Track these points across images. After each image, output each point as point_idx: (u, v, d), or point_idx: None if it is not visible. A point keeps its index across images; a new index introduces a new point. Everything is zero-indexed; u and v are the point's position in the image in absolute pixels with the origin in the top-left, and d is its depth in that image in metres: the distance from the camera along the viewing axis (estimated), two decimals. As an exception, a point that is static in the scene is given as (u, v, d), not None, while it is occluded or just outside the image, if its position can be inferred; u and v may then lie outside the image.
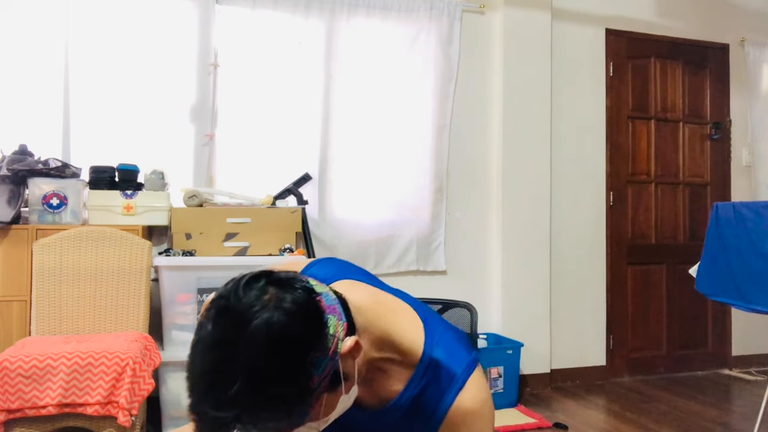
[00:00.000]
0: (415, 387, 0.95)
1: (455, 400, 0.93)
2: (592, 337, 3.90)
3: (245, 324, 0.75)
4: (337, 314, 0.84)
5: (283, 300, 0.78)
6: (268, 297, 0.78)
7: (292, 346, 0.76)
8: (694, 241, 4.12)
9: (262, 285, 0.80)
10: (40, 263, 2.55)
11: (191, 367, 0.78)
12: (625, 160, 4.03)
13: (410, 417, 0.96)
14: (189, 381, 0.78)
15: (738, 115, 4.32)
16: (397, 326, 0.95)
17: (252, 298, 0.78)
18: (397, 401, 0.95)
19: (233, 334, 0.75)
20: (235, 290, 0.79)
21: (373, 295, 0.98)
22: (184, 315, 2.75)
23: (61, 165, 2.73)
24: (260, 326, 0.75)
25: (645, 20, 4.09)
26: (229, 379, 0.73)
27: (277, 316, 0.76)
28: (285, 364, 0.75)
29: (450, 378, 0.94)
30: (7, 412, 2.09)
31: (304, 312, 0.79)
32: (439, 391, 0.94)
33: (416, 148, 3.56)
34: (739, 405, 3.44)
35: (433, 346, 0.95)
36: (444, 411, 0.93)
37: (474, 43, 3.73)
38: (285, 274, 0.83)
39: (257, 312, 0.76)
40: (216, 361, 0.75)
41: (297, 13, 3.35)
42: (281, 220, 2.98)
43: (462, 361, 0.95)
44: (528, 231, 3.68)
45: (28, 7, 2.97)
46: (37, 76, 2.98)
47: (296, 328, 0.77)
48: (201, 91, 3.21)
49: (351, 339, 0.83)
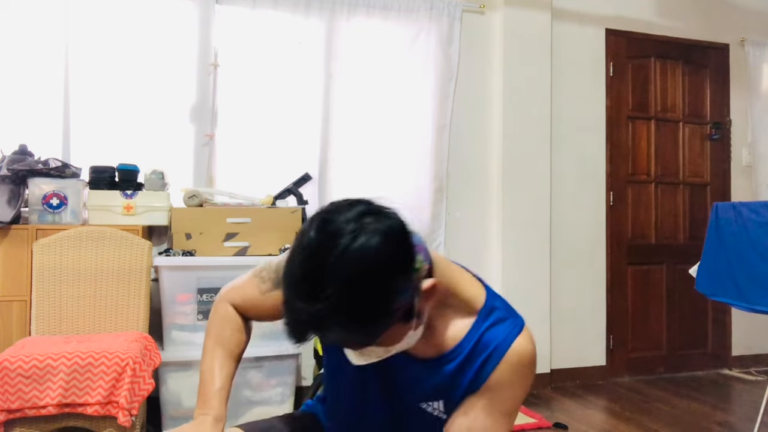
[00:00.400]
0: (477, 330, 1.02)
1: (515, 340, 1.01)
2: (592, 337, 3.90)
3: (344, 239, 0.82)
4: (423, 253, 0.91)
5: (380, 225, 0.85)
6: (368, 221, 0.85)
7: (381, 269, 0.83)
8: (694, 241, 4.12)
9: (363, 209, 0.87)
10: (40, 263, 2.55)
11: (288, 267, 0.86)
12: (625, 160, 4.03)
13: (468, 362, 1.02)
14: (286, 279, 0.86)
15: (738, 115, 4.32)
16: (462, 280, 1.04)
17: (353, 217, 0.85)
18: (461, 344, 1.02)
19: (332, 247, 0.82)
20: (338, 208, 0.87)
21: (442, 257, 1.05)
22: (184, 315, 2.75)
23: (61, 165, 2.73)
24: (358, 245, 0.82)
25: (645, 20, 4.09)
26: (320, 284, 0.81)
27: (374, 239, 0.83)
28: (374, 282, 0.83)
29: (511, 322, 1.03)
30: (7, 412, 2.09)
31: (397, 242, 0.86)
32: (502, 332, 1.02)
33: (416, 148, 3.56)
34: (739, 405, 3.44)
35: (492, 298, 1.05)
36: (506, 348, 1.00)
37: (474, 43, 3.73)
38: (385, 207, 0.90)
39: (356, 231, 0.83)
40: (315, 264, 0.82)
41: (297, 13, 3.35)
42: (281, 220, 2.98)
43: (518, 315, 1.06)
44: (528, 231, 3.68)
45: (28, 7, 2.97)
46: (37, 76, 2.98)
47: (387, 255, 0.84)
48: (201, 91, 3.21)
49: (431, 280, 0.91)
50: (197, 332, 2.74)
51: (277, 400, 2.81)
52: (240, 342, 1.19)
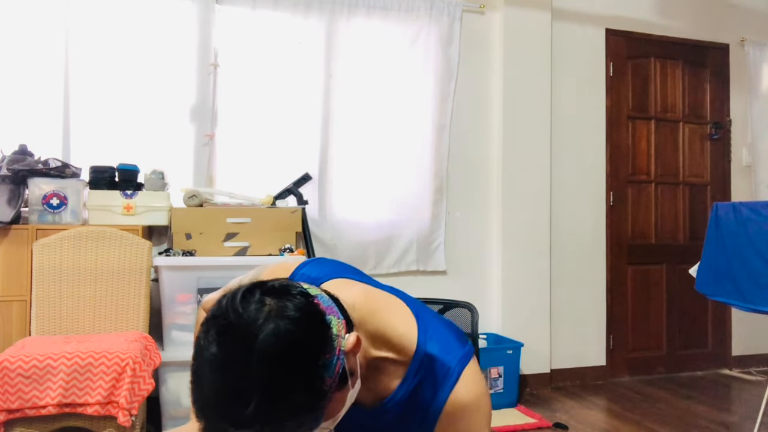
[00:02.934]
0: (410, 383, 0.95)
1: (450, 394, 0.93)
2: (592, 337, 3.90)
3: (252, 339, 0.74)
4: (335, 314, 0.84)
5: (284, 309, 0.77)
6: (268, 308, 0.77)
7: (303, 353, 0.76)
8: (694, 241, 4.12)
9: (258, 297, 0.78)
10: (40, 263, 2.55)
11: (200, 391, 0.76)
12: (625, 160, 4.03)
13: (407, 413, 0.96)
14: (199, 405, 0.76)
15: (738, 115, 4.32)
16: (390, 322, 0.95)
17: (252, 312, 0.76)
18: (392, 397, 0.96)
19: (241, 352, 0.74)
20: (232, 307, 0.77)
21: (365, 292, 0.99)
22: (184, 315, 2.75)
23: (61, 165, 2.73)
24: (268, 339, 0.74)
25: (645, 20, 4.09)
26: (245, 398, 0.73)
27: (282, 325, 0.75)
28: (298, 372, 0.75)
29: (444, 372, 0.94)
30: (7, 412, 2.09)
31: (307, 317, 0.79)
32: (435, 386, 0.94)
33: (416, 148, 3.56)
34: (739, 405, 3.44)
35: (426, 341, 0.95)
36: (440, 406, 0.93)
37: (474, 43, 3.73)
38: (278, 283, 0.82)
39: (261, 325, 0.75)
40: (228, 381, 0.74)
41: (297, 13, 3.35)
42: (281, 220, 2.98)
43: (456, 354, 0.95)
44: (528, 231, 3.68)
45: (28, 7, 2.97)
46: (37, 76, 2.98)
47: (304, 335, 0.77)
48: (201, 91, 3.21)
49: (353, 335, 0.84)
50: (197, 332, 2.74)
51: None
52: None
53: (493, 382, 3.29)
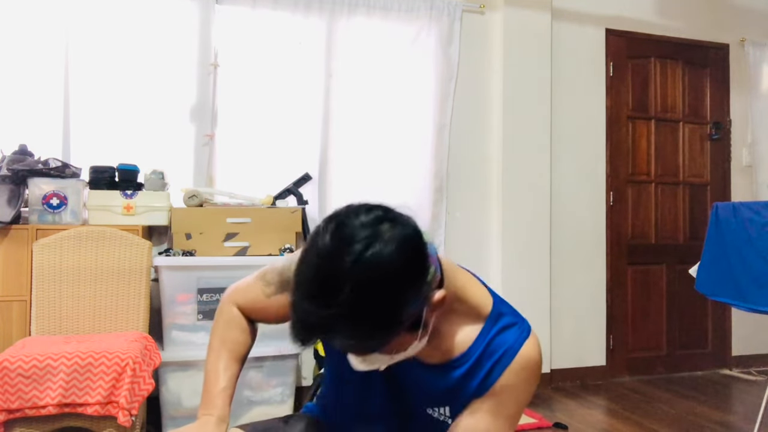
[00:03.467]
0: (486, 336, 1.03)
1: (521, 348, 1.02)
2: (592, 337, 3.90)
3: (359, 246, 0.82)
4: (435, 265, 0.91)
5: (395, 234, 0.84)
6: (384, 228, 0.84)
7: (394, 281, 0.83)
8: (694, 241, 4.12)
9: (379, 215, 0.86)
10: (40, 263, 2.55)
11: (300, 269, 0.85)
12: (625, 160, 4.03)
13: (476, 367, 1.02)
14: (297, 281, 0.85)
15: (738, 115, 4.32)
16: (470, 286, 1.04)
17: (369, 224, 0.84)
18: (469, 351, 1.02)
19: (346, 253, 0.82)
20: (355, 212, 0.86)
21: (446, 258, 1.05)
22: (184, 315, 2.75)
23: (61, 165, 2.73)
24: (372, 253, 0.82)
25: (645, 20, 4.09)
26: (333, 288, 0.81)
27: (389, 248, 0.83)
28: (386, 292, 0.82)
29: (519, 327, 1.04)
30: (7, 412, 2.09)
31: (413, 251, 0.86)
32: (510, 337, 1.03)
33: (416, 148, 3.56)
34: (739, 405, 3.44)
35: (500, 304, 1.06)
36: (515, 353, 1.01)
37: (474, 43, 3.73)
38: (401, 214, 0.90)
39: (371, 239, 0.83)
40: (327, 269, 0.82)
41: (297, 13, 3.35)
42: (281, 220, 2.98)
43: (525, 320, 1.07)
44: (528, 231, 3.68)
45: (28, 7, 2.97)
46: (37, 76, 2.98)
47: (402, 266, 0.84)
48: (201, 91, 3.21)
49: (441, 292, 0.91)
50: (197, 332, 2.74)
51: (278, 400, 2.81)
52: (245, 343, 1.19)
53: None
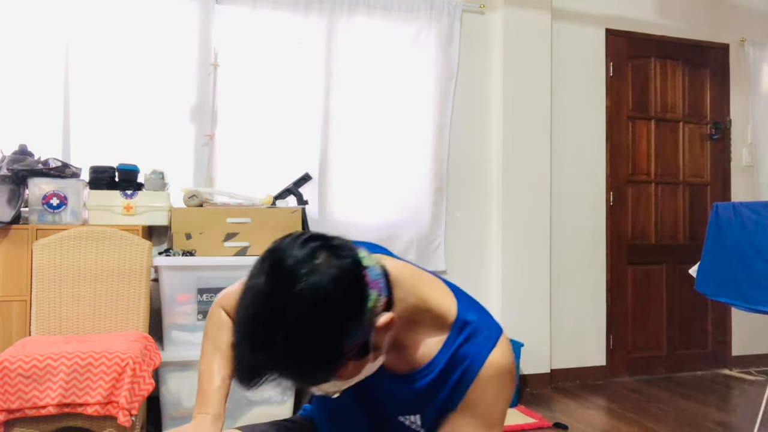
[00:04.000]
0: (450, 347, 1.00)
1: (488, 356, 0.99)
2: (592, 337, 3.90)
3: (294, 284, 0.81)
4: (379, 289, 0.89)
5: (331, 267, 0.83)
6: (319, 261, 0.84)
7: (330, 314, 0.82)
8: (694, 241, 4.11)
9: (316, 247, 0.85)
10: (40, 263, 2.55)
11: (240, 310, 0.85)
12: (625, 160, 4.03)
13: (442, 377, 1.01)
14: (236, 324, 0.86)
15: (738, 115, 4.32)
16: (431, 293, 1.02)
17: (304, 259, 0.83)
18: (433, 361, 1.01)
19: (283, 291, 0.82)
20: (290, 247, 0.86)
21: (407, 266, 1.04)
22: (184, 315, 2.75)
23: (61, 165, 2.73)
24: (308, 288, 0.81)
25: (645, 20, 4.09)
26: (271, 328, 0.81)
27: (324, 282, 0.82)
28: (322, 327, 0.82)
29: (484, 336, 1.01)
30: (7, 412, 2.09)
31: (347, 283, 0.85)
32: (475, 347, 1.00)
33: (416, 148, 3.56)
34: (739, 405, 3.44)
35: (465, 310, 1.03)
36: (477, 367, 0.99)
37: (474, 43, 3.73)
38: (338, 241, 0.89)
39: (307, 275, 0.82)
40: (263, 309, 0.82)
41: (297, 13, 3.35)
42: (281, 220, 2.98)
43: (493, 322, 1.04)
44: (528, 231, 3.68)
45: (28, 7, 2.97)
46: (37, 76, 2.98)
47: (337, 298, 0.83)
48: (201, 91, 3.21)
49: (387, 315, 0.89)
50: (197, 332, 2.74)
51: (277, 400, 2.81)
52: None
53: None
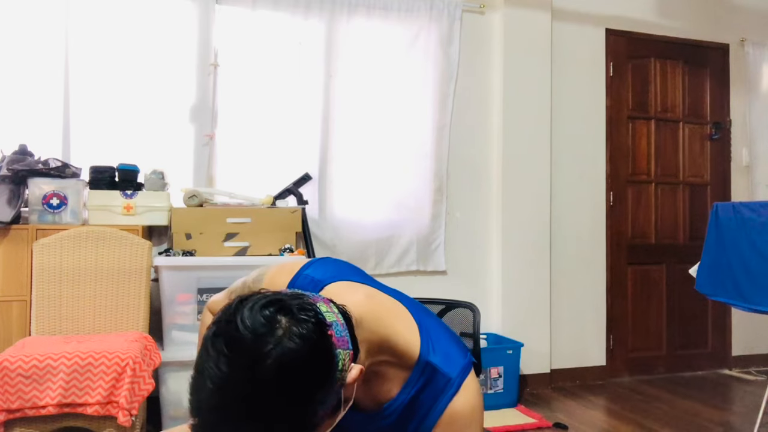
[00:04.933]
0: (410, 390, 0.96)
1: (449, 404, 0.95)
2: (592, 337, 3.90)
3: (257, 361, 0.74)
4: (345, 344, 0.83)
5: (295, 336, 0.76)
6: (281, 332, 0.76)
7: (303, 390, 0.76)
8: (694, 241, 4.12)
9: (272, 314, 0.77)
10: (40, 263, 2.55)
11: (197, 397, 0.76)
12: (625, 160, 4.03)
13: (404, 419, 0.98)
14: (195, 405, 0.76)
15: (738, 115, 4.32)
16: (394, 329, 0.96)
17: (263, 331, 0.75)
18: (392, 403, 0.97)
19: (243, 374, 0.74)
20: (242, 319, 0.76)
21: (370, 297, 0.98)
22: (184, 315, 2.75)
23: (61, 165, 2.73)
24: (272, 367, 0.74)
25: (645, 20, 4.09)
26: (238, 417, 0.73)
27: (290, 356, 0.75)
28: (295, 406, 0.76)
29: (445, 382, 0.96)
30: (7, 412, 2.09)
31: (317, 354, 0.78)
32: (435, 395, 0.96)
33: (416, 148, 3.56)
34: (739, 405, 3.44)
35: (429, 351, 0.97)
36: (437, 415, 0.95)
37: (474, 43, 3.73)
38: (296, 303, 0.80)
39: (270, 350, 0.74)
40: (225, 398, 0.74)
41: (297, 13, 3.35)
42: (281, 220, 2.98)
43: (457, 366, 0.97)
44: (528, 231, 3.68)
45: (28, 7, 2.97)
46: (37, 76, 2.98)
47: (308, 371, 0.76)
48: (201, 91, 3.21)
49: (356, 368, 0.84)
50: (197, 332, 2.74)
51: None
52: None
53: (493, 382, 3.29)
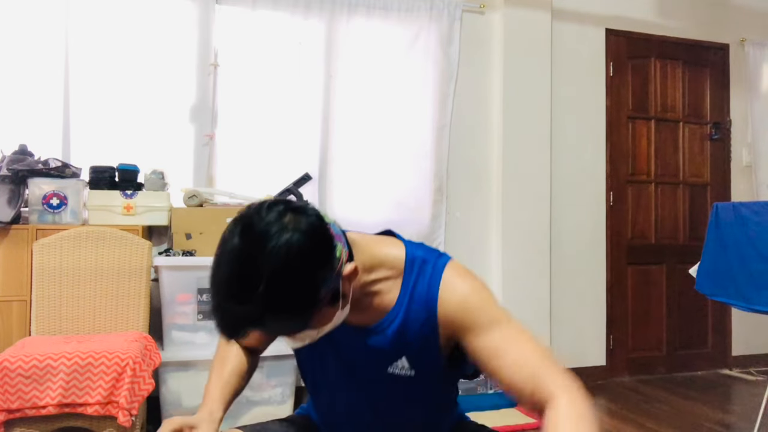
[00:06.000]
0: (407, 287, 1.08)
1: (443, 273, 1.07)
2: (592, 337, 3.90)
3: (267, 241, 0.88)
4: (342, 242, 0.98)
5: (299, 223, 0.91)
6: (287, 220, 0.91)
7: (306, 263, 0.90)
8: (694, 241, 4.11)
9: (281, 209, 0.92)
10: (40, 263, 2.55)
11: (216, 273, 0.91)
12: (625, 160, 4.03)
13: (408, 317, 1.08)
14: (214, 284, 0.91)
15: (738, 115, 4.32)
16: (383, 247, 1.11)
17: (273, 219, 0.90)
18: (396, 305, 1.08)
19: (257, 249, 0.88)
20: (257, 212, 0.92)
21: (359, 232, 1.13)
22: (184, 315, 2.75)
23: (61, 165, 2.73)
24: (282, 244, 0.88)
25: (645, 20, 4.09)
26: (251, 285, 0.87)
27: (295, 236, 0.89)
28: (299, 278, 0.89)
29: (432, 265, 1.09)
30: (7, 412, 2.09)
31: (317, 235, 0.93)
32: (427, 277, 1.08)
33: (416, 148, 3.56)
34: (739, 405, 3.44)
35: (413, 250, 1.11)
36: (436, 289, 1.06)
37: (474, 43, 3.73)
38: (300, 203, 0.96)
39: (278, 232, 0.89)
40: (241, 268, 0.88)
41: (297, 13, 3.35)
42: (281, 220, 2.98)
43: (436, 252, 1.12)
44: (528, 231, 3.68)
45: (28, 7, 2.97)
46: (37, 76, 2.98)
47: (311, 248, 0.91)
48: (201, 91, 3.21)
49: (351, 264, 0.98)
50: (197, 332, 2.74)
51: (277, 400, 2.81)
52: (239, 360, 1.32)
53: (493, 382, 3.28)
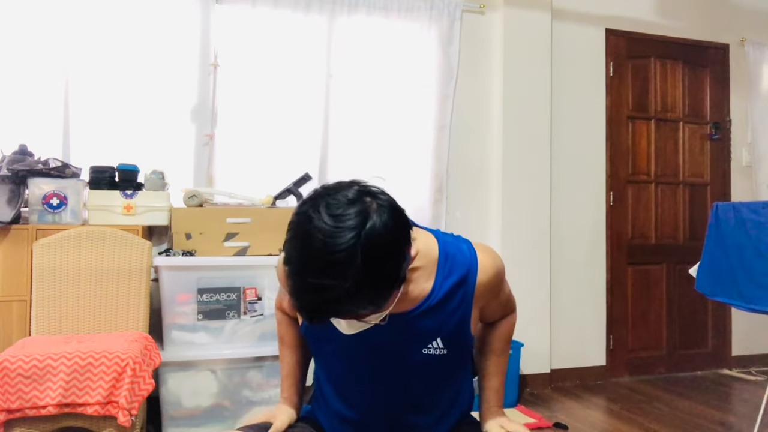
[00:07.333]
0: (443, 273, 1.14)
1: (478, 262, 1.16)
2: (592, 337, 3.90)
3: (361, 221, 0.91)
4: (410, 222, 1.03)
5: (382, 203, 0.95)
6: (369, 200, 0.94)
7: (395, 242, 0.95)
8: (694, 241, 4.11)
9: (360, 189, 0.96)
10: (40, 263, 2.55)
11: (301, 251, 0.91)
12: (625, 160, 4.03)
13: (446, 300, 1.14)
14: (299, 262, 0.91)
15: (738, 115, 4.32)
16: (418, 238, 1.13)
17: (356, 199, 0.93)
18: (433, 291, 1.13)
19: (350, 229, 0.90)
20: (336, 191, 0.95)
21: None
22: (184, 315, 2.75)
23: (61, 165, 2.73)
24: (372, 224, 0.91)
25: (645, 20, 4.09)
26: (345, 263, 0.88)
27: (384, 215, 0.93)
28: (390, 255, 0.94)
29: (465, 250, 1.17)
30: (7, 412, 2.09)
31: (400, 213, 0.98)
32: (463, 263, 1.16)
33: (416, 148, 3.56)
34: (739, 405, 3.44)
35: (444, 242, 1.18)
36: (475, 272, 1.15)
37: (474, 43, 3.73)
38: (371, 183, 1.00)
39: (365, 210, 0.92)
40: (333, 247, 0.89)
41: (297, 12, 3.35)
42: (281, 220, 2.98)
43: (465, 240, 1.21)
44: (528, 231, 3.68)
45: (29, 7, 2.97)
46: (37, 76, 2.98)
47: (398, 230, 0.95)
48: (201, 91, 3.21)
49: (414, 247, 1.05)
50: (197, 332, 2.74)
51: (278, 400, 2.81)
52: (295, 334, 1.37)
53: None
